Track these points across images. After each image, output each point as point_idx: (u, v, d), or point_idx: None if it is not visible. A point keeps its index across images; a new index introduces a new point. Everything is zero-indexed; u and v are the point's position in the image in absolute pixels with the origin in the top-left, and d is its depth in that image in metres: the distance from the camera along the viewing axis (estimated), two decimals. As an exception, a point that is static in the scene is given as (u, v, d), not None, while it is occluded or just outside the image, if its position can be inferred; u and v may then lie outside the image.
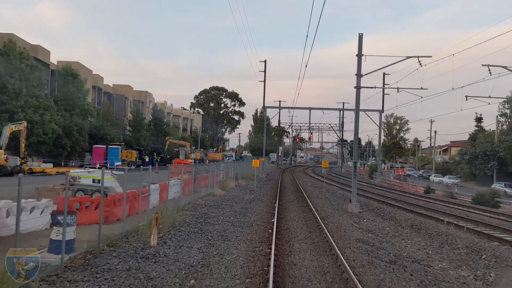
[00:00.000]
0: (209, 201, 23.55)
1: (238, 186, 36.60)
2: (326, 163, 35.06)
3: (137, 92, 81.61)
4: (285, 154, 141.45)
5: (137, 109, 71.79)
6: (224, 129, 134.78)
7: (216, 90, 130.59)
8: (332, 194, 32.82)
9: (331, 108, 57.19)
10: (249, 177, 50.53)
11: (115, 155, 47.29)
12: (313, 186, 40.59)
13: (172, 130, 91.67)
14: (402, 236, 16.35)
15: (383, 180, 58.86)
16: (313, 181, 49.04)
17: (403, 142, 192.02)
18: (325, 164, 35.03)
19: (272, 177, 53.69)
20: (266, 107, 55.68)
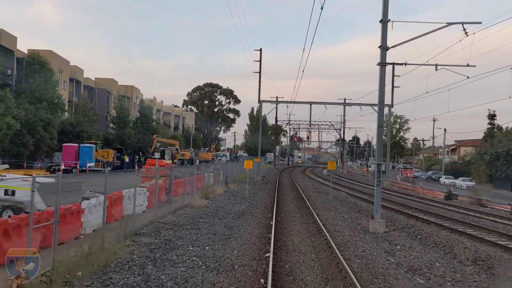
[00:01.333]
0: (183, 217, 17.52)
1: (228, 192, 30.59)
2: (333, 164, 29.19)
3: (122, 86, 75.47)
4: (282, 154, 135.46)
5: (121, 105, 65.64)
6: (219, 128, 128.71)
7: (210, 86, 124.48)
8: (342, 203, 26.84)
9: (334, 103, 51.33)
10: (242, 180, 44.56)
11: (88, 154, 41.18)
12: (316, 192, 34.61)
13: (161, 128, 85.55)
14: (469, 282, 10.37)
15: (392, 183, 52.97)
16: (315, 185, 43.07)
17: (403, 141, 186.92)
18: (332, 166, 29.11)
19: (268, 180, 47.71)
20: (262, 101, 49.72)
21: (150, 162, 27.24)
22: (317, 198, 28.73)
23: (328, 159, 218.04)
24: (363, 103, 50.01)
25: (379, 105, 18.63)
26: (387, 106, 50.02)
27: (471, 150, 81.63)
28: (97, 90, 65.93)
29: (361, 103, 49.90)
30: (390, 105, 49.76)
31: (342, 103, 50.34)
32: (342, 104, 50.50)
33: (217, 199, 24.65)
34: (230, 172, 43.31)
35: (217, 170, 43.01)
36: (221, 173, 39.71)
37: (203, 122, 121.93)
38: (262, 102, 49.65)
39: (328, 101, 50.39)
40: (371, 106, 50.03)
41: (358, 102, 50.07)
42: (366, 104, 50.07)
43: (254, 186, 38.17)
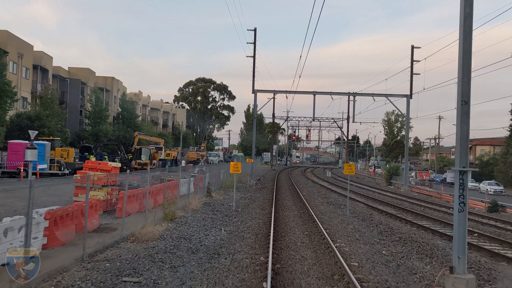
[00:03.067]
0: (99, 273, 9.51)
1: (208, 205, 22.67)
2: (351, 168, 21.21)
3: (101, 78, 67.34)
4: (279, 154, 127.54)
5: (97, 97, 57.57)
6: (212, 126, 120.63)
7: (203, 82, 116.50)
8: (367, 224, 18.85)
9: (341, 93, 43.32)
10: (233, 185, 36.69)
11: (40, 154, 33.11)
12: (325, 203, 26.65)
13: (146, 125, 77.48)
14: None
15: (410, 188, 45.09)
16: (321, 191, 35.13)
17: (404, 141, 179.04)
18: (350, 170, 21.19)
19: (264, 185, 39.78)
20: (257, 91, 41.73)
21: (90, 165, 19.16)
22: (331, 215, 20.78)
23: (327, 159, 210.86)
24: (377, 93, 42.16)
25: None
26: (405, 97, 42.27)
27: (489, 150, 73.96)
28: (70, 80, 57.82)
29: (374, 93, 42.09)
30: (408, 96, 41.97)
31: (351, 93, 42.43)
32: (351, 95, 42.59)
33: (187, 220, 16.70)
34: (216, 175, 35.44)
35: (202, 173, 35.28)
36: (206, 177, 31.93)
37: (196, 120, 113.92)
38: (257, 92, 41.70)
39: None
40: (386, 97, 42.17)
41: (370, 93, 42.23)
42: (380, 94, 42.20)
43: (246, 194, 30.24)
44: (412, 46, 41.94)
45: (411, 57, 41.78)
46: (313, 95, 42.04)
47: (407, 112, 41.76)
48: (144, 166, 42.87)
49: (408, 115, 41.75)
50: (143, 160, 43.19)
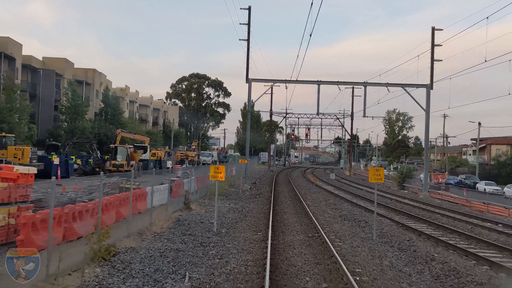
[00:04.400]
0: None
1: (181, 223, 16.56)
2: (379, 174, 15.11)
3: (81, 70, 61.05)
4: (277, 154, 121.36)
5: (73, 91, 51.31)
6: (207, 124, 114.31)
7: (197, 77, 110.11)
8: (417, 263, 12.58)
9: (351, 82, 37.19)
10: (223, 190, 30.53)
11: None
12: (340, 218, 20.37)
13: (132, 122, 71.24)
14: None
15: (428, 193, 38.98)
16: (329, 200, 28.94)
17: (406, 140, 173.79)
18: (377, 177, 15.11)
19: (260, 190, 33.65)
20: (251, 80, 35.55)
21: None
22: (352, 240, 14.59)
23: (326, 159, 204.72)
24: (392, 83, 36.01)
25: None
26: (424, 87, 36.20)
27: (506, 149, 68.02)
28: (43, 71, 51.53)
29: (389, 83, 35.93)
30: (428, 86, 35.91)
31: (362, 83, 36.25)
32: (360, 85, 36.40)
33: (133, 258, 10.52)
34: (204, 179, 29.41)
35: (186, 176, 29.33)
36: (189, 182, 25.97)
37: (189, 118, 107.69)
38: (252, 82, 35.53)
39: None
40: (402, 87, 36.07)
41: (384, 82, 36.07)
42: (395, 84, 36.07)
43: (237, 204, 24.12)
44: (433, 28, 35.89)
45: (432, 41, 35.74)
46: (317, 85, 35.90)
47: (427, 105, 35.69)
48: (119, 168, 36.70)
49: (429, 108, 35.66)
50: (118, 161, 36.98)
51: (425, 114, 35.85)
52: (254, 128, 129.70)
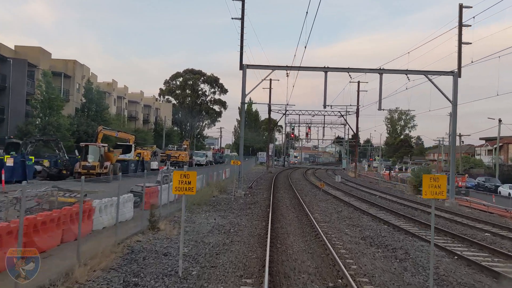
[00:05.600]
0: None
1: (131, 258, 10.90)
2: (442, 185, 9.50)
3: (60, 61, 55.33)
4: (276, 154, 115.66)
5: (48, 83, 45.58)
6: (201, 123, 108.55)
7: (192, 73, 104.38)
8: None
9: (363, 69, 31.57)
10: (210, 198, 25.03)
11: None
12: (365, 244, 14.61)
13: (121, 119, 65.61)
14: None
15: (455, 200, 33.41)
16: (341, 212, 23.31)
17: (409, 140, 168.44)
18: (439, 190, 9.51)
19: (255, 197, 28.02)
20: (246, 67, 29.94)
21: None
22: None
23: (326, 159, 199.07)
24: (413, 70, 30.39)
25: None
26: (450, 75, 30.61)
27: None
28: (13, 61, 45.88)
29: (409, 69, 30.31)
30: (455, 73, 30.35)
31: (377, 70, 30.57)
32: (376, 72, 30.70)
33: None
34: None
35: (166, 181, 24.10)
36: (166, 190, 20.68)
37: (184, 116, 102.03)
38: (247, 68, 29.91)
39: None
40: (425, 75, 30.45)
41: (403, 69, 30.43)
42: (417, 71, 30.45)
43: (224, 219, 18.51)
44: (460, 5, 30.34)
45: (459, 20, 30.18)
46: (324, 72, 30.27)
47: (454, 95, 30.13)
48: (91, 170, 31.13)
49: (456, 100, 30.10)
50: (89, 162, 31.33)
51: (451, 107, 30.28)
52: (252, 127, 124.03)
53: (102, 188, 23.20)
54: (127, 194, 16.72)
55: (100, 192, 16.94)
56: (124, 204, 16.13)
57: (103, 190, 18.30)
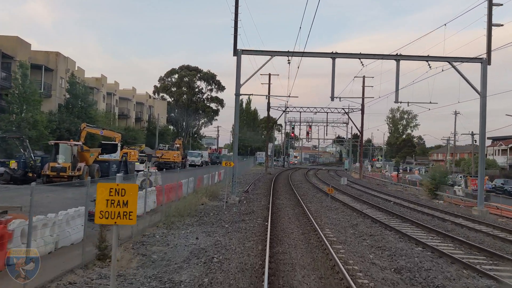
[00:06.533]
0: None
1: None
2: None
3: (41, 53, 50.98)
4: (275, 153, 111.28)
5: (24, 75, 41.24)
6: (198, 121, 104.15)
7: (188, 70, 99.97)
8: None
9: (377, 55, 27.21)
10: (197, 208, 20.75)
11: None
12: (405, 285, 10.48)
13: (108, 116, 61.22)
14: None
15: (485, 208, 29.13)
16: (358, 226, 18.95)
17: (411, 140, 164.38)
18: None
19: (251, 206, 23.69)
20: (242, 51, 25.67)
21: None
22: None
23: (327, 159, 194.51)
24: (434, 56, 26.05)
25: None
26: (479, 62, 26.31)
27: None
28: (-15, 51, 41.58)
29: (430, 55, 26.01)
30: (484, 60, 26.06)
31: (393, 56, 26.19)
32: (394, 58, 26.32)
33: None
34: (172, 190, 19.71)
35: (145, 186, 19.99)
36: (142, 199, 16.46)
37: (179, 114, 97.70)
38: (242, 54, 25.59)
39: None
40: (448, 62, 26.12)
41: (423, 55, 26.11)
42: (440, 58, 26.11)
43: (209, 237, 14.24)
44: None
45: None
46: (331, 59, 25.98)
47: (482, 85, 25.86)
48: (61, 172, 26.81)
49: (485, 90, 25.81)
50: (59, 164, 26.97)
51: (480, 99, 25.99)
52: (250, 125, 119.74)
53: (70, 195, 18.95)
54: (76, 208, 12.42)
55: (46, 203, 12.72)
56: (69, 222, 11.85)
57: (48, 201, 14.08)
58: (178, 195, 24.03)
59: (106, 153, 40.77)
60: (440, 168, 46.09)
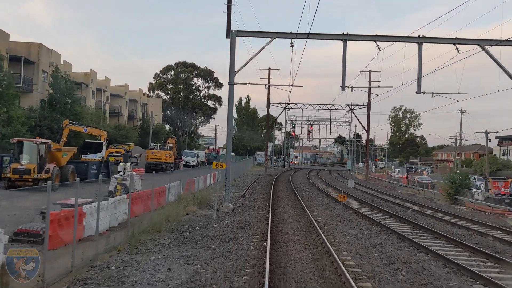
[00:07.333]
0: None
1: None
2: None
3: (21, 44, 47.05)
4: (275, 153, 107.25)
5: (-2, 67, 37.36)
6: (195, 120, 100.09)
7: (184, 66, 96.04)
8: None
9: (396, 37, 23.21)
10: (180, 220, 16.80)
11: None
12: None
13: (96, 113, 57.20)
14: None
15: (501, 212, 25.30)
16: (380, 241, 15.05)
17: (415, 139, 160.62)
18: None
19: (247, 216, 19.69)
20: (237, 32, 21.76)
21: None
22: None
23: (328, 159, 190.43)
24: (464, 39, 22.11)
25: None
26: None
27: None
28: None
29: (459, 38, 22.07)
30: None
31: (417, 38, 22.18)
32: (415, 41, 22.30)
33: None
34: (146, 199, 15.75)
35: (112, 194, 16.28)
36: (93, 214, 12.21)
37: (175, 112, 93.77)
38: (237, 35, 21.63)
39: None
40: (479, 45, 22.12)
41: (451, 37, 22.20)
42: (469, 40, 22.18)
43: (182, 269, 10.12)
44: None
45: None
46: (342, 41, 22.00)
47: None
48: (24, 175, 22.87)
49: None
50: (23, 165, 23.01)
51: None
52: (249, 125, 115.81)
53: (29, 203, 15.03)
54: None
55: None
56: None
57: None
58: (160, 202, 20.13)
59: (90, 152, 37.00)
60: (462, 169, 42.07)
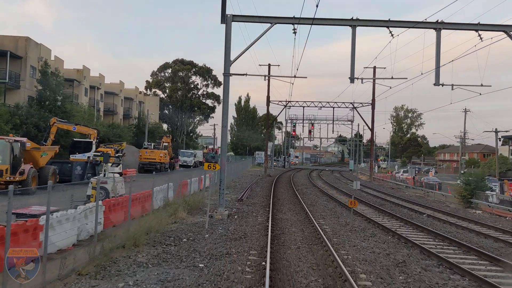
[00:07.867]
0: None
1: None
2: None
3: (8, 38, 44.59)
4: (275, 153, 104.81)
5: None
6: (193, 119, 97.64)
7: (182, 64, 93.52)
8: None
9: (416, 23, 20.76)
10: (165, 230, 14.29)
11: None
12: None
13: (89, 111, 54.75)
14: None
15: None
16: (404, 264, 12.67)
17: (417, 139, 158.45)
18: None
19: (244, 224, 17.27)
20: (233, 18, 19.36)
21: None
22: None
23: (328, 159, 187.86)
24: (487, 24, 19.73)
25: None
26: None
27: None
28: None
29: (481, 23, 19.67)
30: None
31: (434, 24, 19.76)
32: (433, 26, 19.86)
33: None
34: (141, 201, 13.15)
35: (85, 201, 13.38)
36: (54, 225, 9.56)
37: (173, 111, 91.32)
38: (233, 20, 19.23)
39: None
40: (505, 31, 19.70)
41: (472, 22, 19.83)
42: (494, 26, 19.79)
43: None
44: None
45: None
46: (351, 27, 19.61)
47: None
48: (-4, 177, 20.44)
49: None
50: (-5, 165, 20.61)
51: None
52: (249, 124, 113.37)
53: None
54: None
55: None
56: None
57: None
58: (145, 208, 17.74)
59: (80, 152, 34.72)
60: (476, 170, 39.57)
